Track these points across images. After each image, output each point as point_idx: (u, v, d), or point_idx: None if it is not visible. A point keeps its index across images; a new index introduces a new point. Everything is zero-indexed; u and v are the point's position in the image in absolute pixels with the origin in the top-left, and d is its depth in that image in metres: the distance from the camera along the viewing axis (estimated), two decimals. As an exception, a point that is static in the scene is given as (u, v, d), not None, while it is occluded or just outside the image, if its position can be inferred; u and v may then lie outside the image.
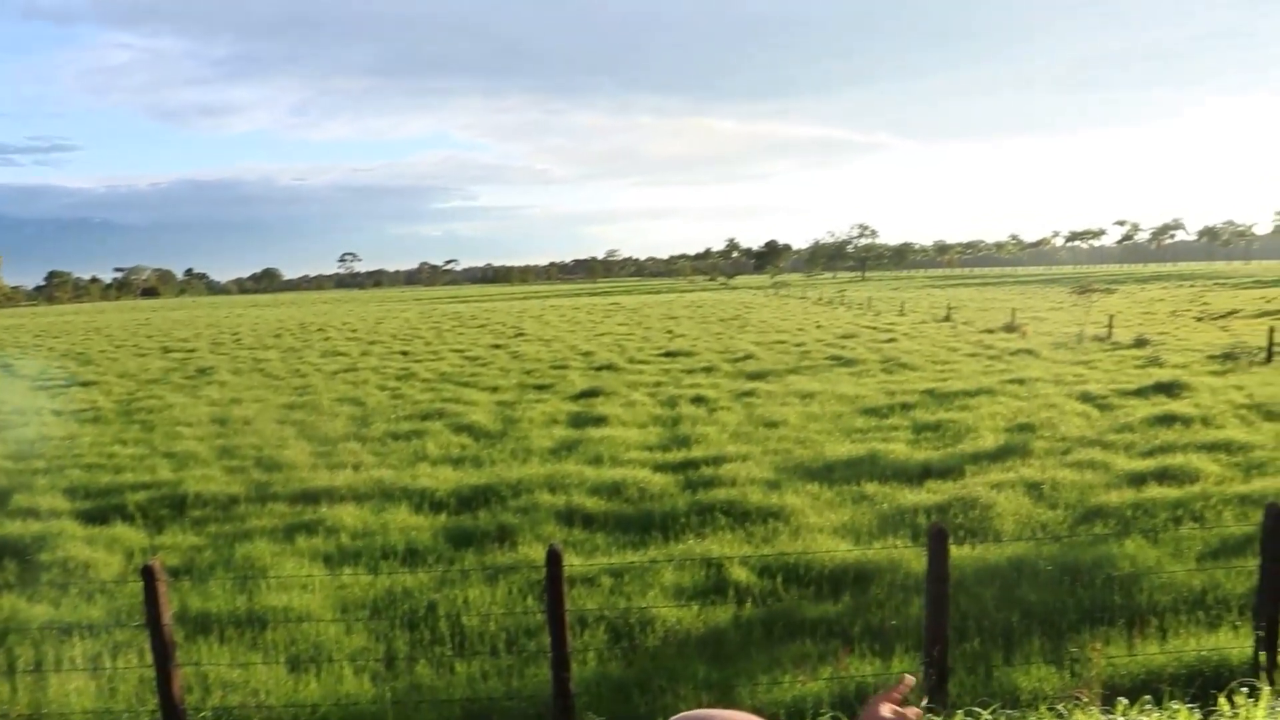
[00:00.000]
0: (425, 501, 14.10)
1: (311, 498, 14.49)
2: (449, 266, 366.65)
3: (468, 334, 51.75)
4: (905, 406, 20.91)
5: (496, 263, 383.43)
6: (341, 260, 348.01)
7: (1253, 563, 7.98)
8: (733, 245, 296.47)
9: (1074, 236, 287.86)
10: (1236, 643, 8.14)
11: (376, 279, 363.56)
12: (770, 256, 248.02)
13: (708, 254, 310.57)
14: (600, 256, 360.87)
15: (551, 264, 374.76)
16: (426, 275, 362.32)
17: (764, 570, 10.45)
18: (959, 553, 10.73)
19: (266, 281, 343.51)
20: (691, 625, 9.24)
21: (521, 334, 49.70)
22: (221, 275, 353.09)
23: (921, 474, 14.67)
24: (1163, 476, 13.90)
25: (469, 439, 19.05)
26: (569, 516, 13.01)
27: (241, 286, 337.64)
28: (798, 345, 37.37)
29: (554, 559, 6.82)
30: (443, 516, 13.39)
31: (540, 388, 26.59)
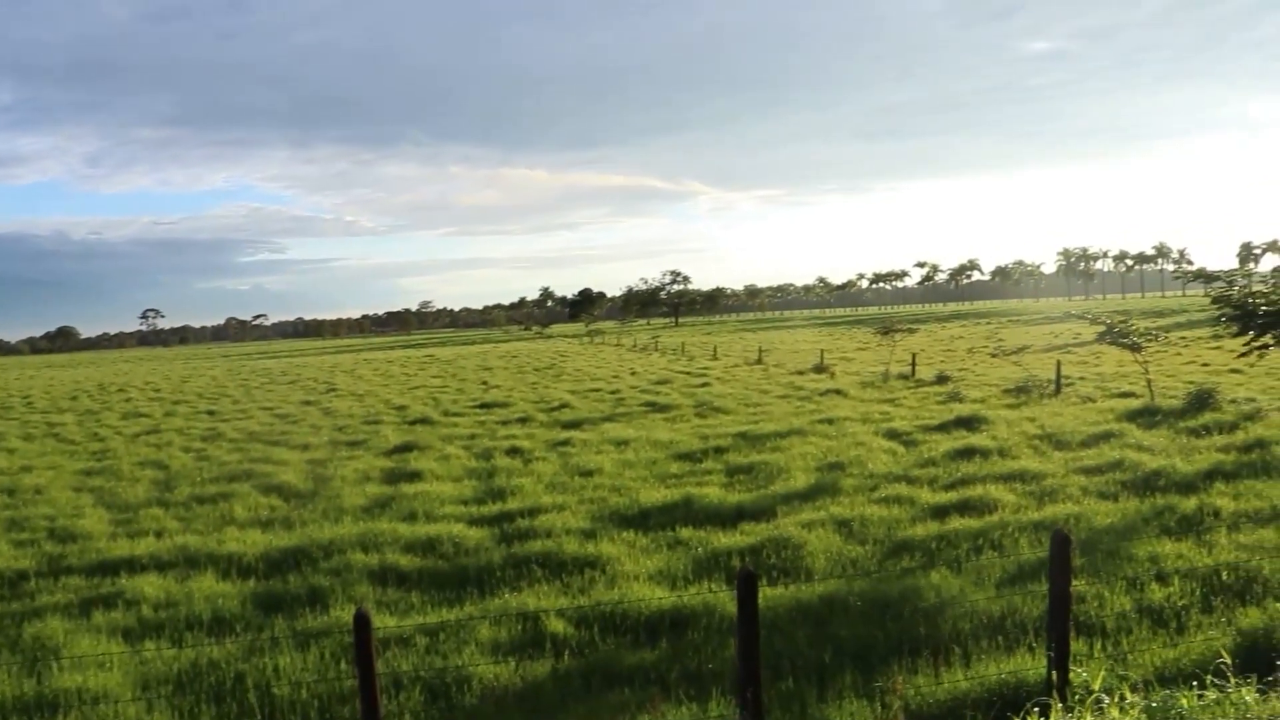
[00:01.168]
0: (233, 567, 13.60)
1: (110, 569, 13.80)
2: (258, 321, 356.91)
3: (278, 390, 50.37)
4: (719, 450, 21.20)
5: (307, 316, 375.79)
6: (144, 317, 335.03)
7: (1046, 586, 8.30)
8: (547, 294, 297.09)
9: (878, 278, 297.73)
10: (1033, 664, 8.45)
11: (182, 335, 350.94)
12: (585, 304, 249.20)
13: (523, 303, 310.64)
14: (414, 308, 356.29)
15: (364, 316, 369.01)
16: (234, 331, 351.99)
17: (581, 621, 10.40)
18: (772, 593, 10.90)
19: (62, 340, 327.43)
20: (509, 681, 9.11)
21: (333, 389, 48.64)
22: (11, 335, 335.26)
23: (735, 516, 14.87)
24: (964, 508, 14.44)
25: (279, 500, 18.50)
26: (383, 576, 12.71)
27: (34, 346, 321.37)
28: (613, 392, 37.59)
29: (362, 623, 6.64)
30: (251, 582, 12.93)
31: (353, 444, 26.04)
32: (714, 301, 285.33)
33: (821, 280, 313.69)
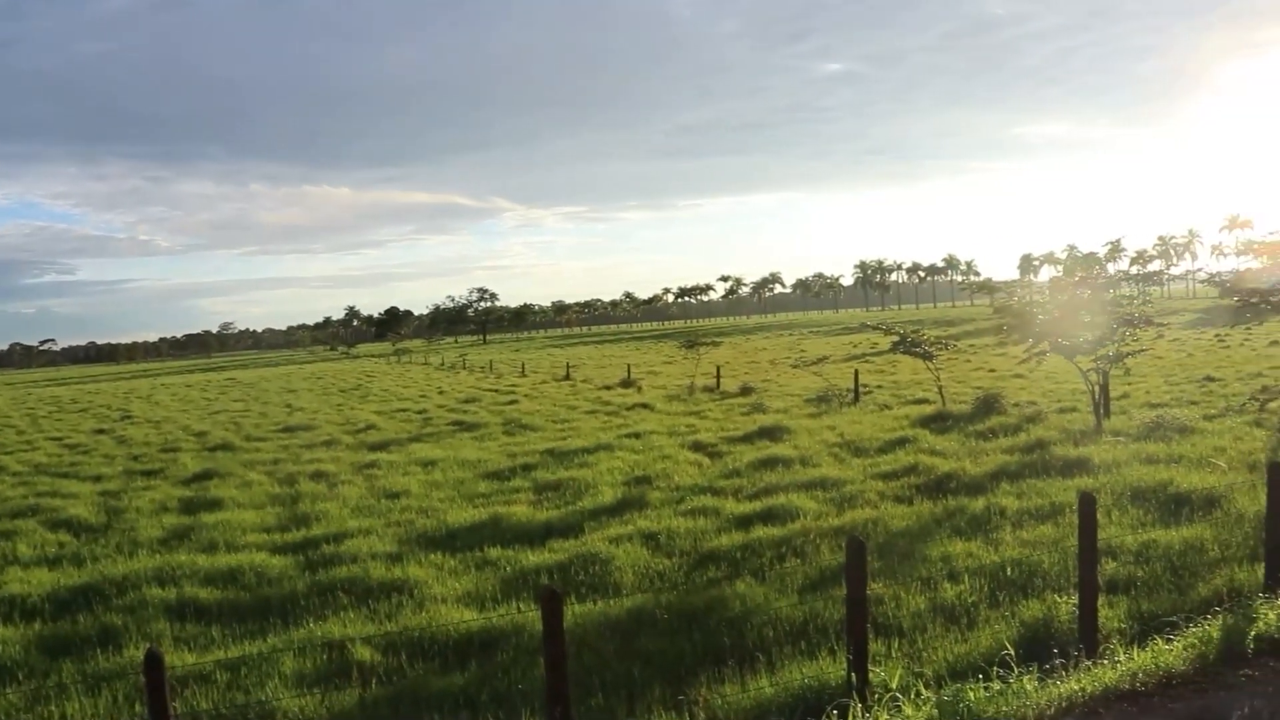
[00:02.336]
0: (15, 610, 12.84)
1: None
2: (45, 346, 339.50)
3: (67, 419, 47.93)
4: (527, 468, 21.18)
5: (100, 340, 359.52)
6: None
7: (845, 591, 8.56)
8: (353, 313, 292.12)
9: (684, 292, 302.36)
10: (834, 667, 8.70)
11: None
12: (391, 323, 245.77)
13: (328, 323, 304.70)
14: (214, 330, 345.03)
15: (162, 339, 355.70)
16: (19, 357, 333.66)
17: (389, 647, 10.23)
18: (581, 609, 10.94)
19: None
20: (315, 713, 8.89)
21: (128, 416, 46.59)
22: None
23: (543, 534, 14.88)
24: (768, 517, 14.78)
25: (68, 535, 17.61)
26: (181, 610, 12.24)
27: None
28: (420, 412, 37.15)
29: (153, 662, 6.40)
30: (36, 624, 12.25)
31: (149, 473, 24.99)
32: (522, 318, 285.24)
33: (628, 295, 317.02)
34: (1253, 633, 9.05)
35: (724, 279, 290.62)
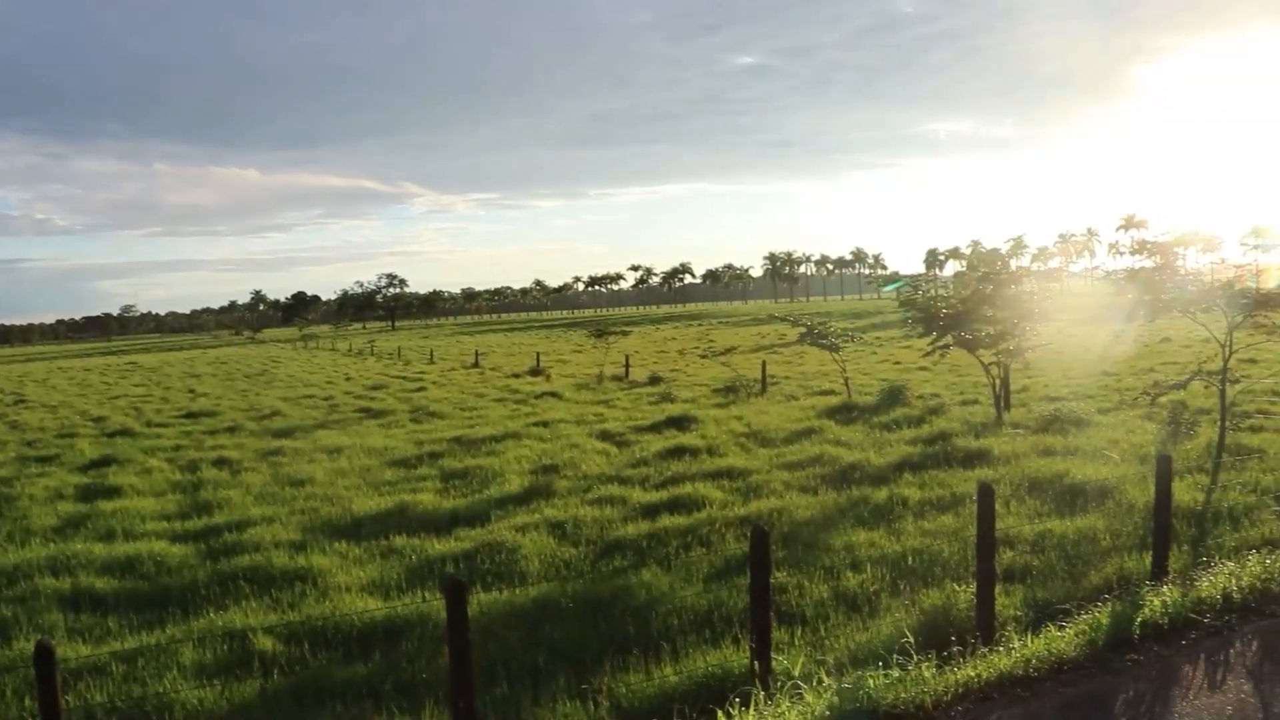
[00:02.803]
0: (-100, 600, 12.48)
1: None
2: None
3: (-45, 405, 46.50)
4: (434, 455, 21.05)
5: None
6: None
7: (749, 580, 8.66)
8: (259, 297, 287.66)
9: (594, 281, 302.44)
10: (738, 655, 8.80)
11: None
12: (298, 308, 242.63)
13: (233, 307, 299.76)
14: (115, 313, 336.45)
15: (59, 322, 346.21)
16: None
17: (291, 637, 10.11)
18: (486, 598, 10.93)
19: None
20: (214, 705, 8.76)
21: (22, 401, 45.27)
22: None
23: (450, 522, 14.81)
24: (674, 506, 14.87)
25: (-45, 525, 17.10)
26: (76, 601, 11.96)
27: None
28: (326, 399, 36.70)
29: (43, 655, 6.26)
30: (-78, 616, 11.90)
31: (44, 460, 24.32)
32: (431, 305, 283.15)
33: (538, 283, 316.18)
34: (1139, 619, 9.36)
35: (634, 269, 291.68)
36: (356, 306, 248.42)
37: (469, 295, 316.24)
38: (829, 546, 12.36)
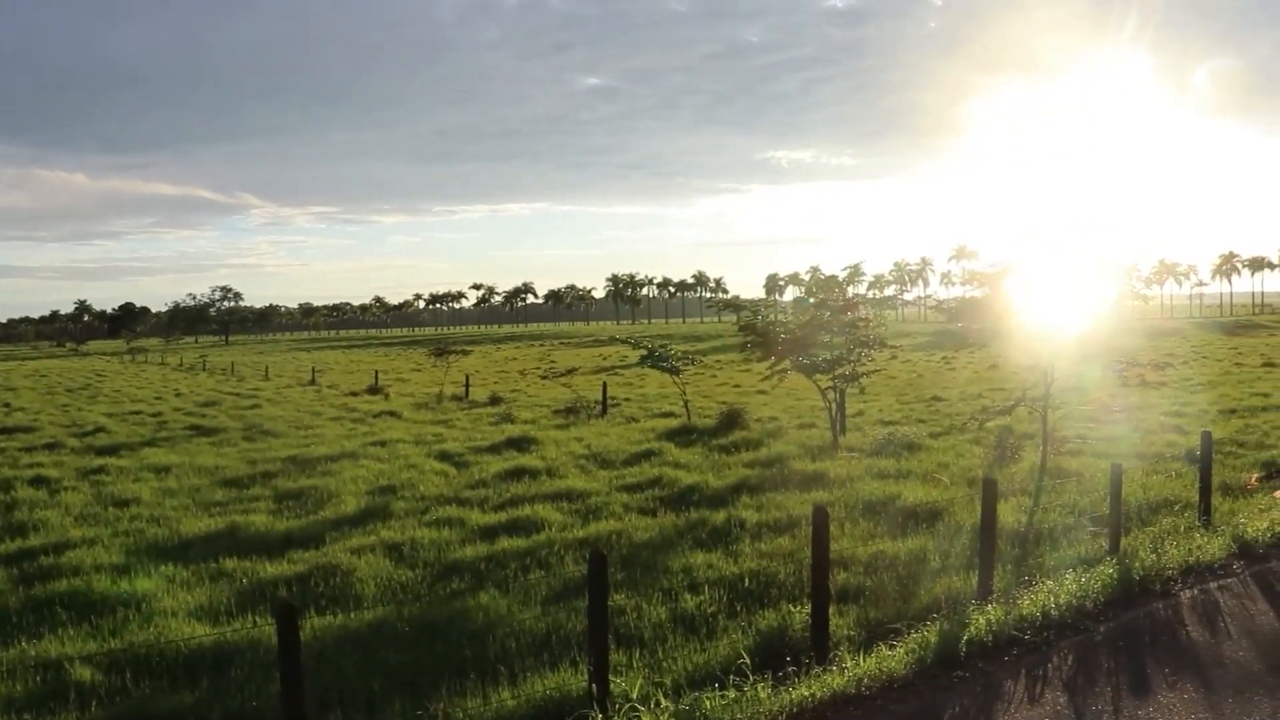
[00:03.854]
0: None
1: None
2: None
3: None
4: (268, 475, 20.50)
5: None
6: None
7: (587, 603, 8.64)
8: (84, 308, 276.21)
9: (435, 299, 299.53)
10: (576, 678, 8.76)
11: None
12: (126, 320, 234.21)
13: (55, 317, 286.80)
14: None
15: None
16: None
17: (112, 666, 9.68)
18: (320, 622, 10.67)
19: None
20: (26, 736, 8.34)
21: None
22: None
23: (283, 544, 14.42)
24: (513, 528, 14.79)
25: None
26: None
27: None
28: (155, 415, 35.44)
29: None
30: None
31: None
32: (267, 320, 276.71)
33: (378, 300, 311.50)
34: (966, 637, 9.65)
35: (477, 287, 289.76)
36: (189, 320, 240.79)
37: (307, 310, 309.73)
38: (668, 568, 12.43)
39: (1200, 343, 78.05)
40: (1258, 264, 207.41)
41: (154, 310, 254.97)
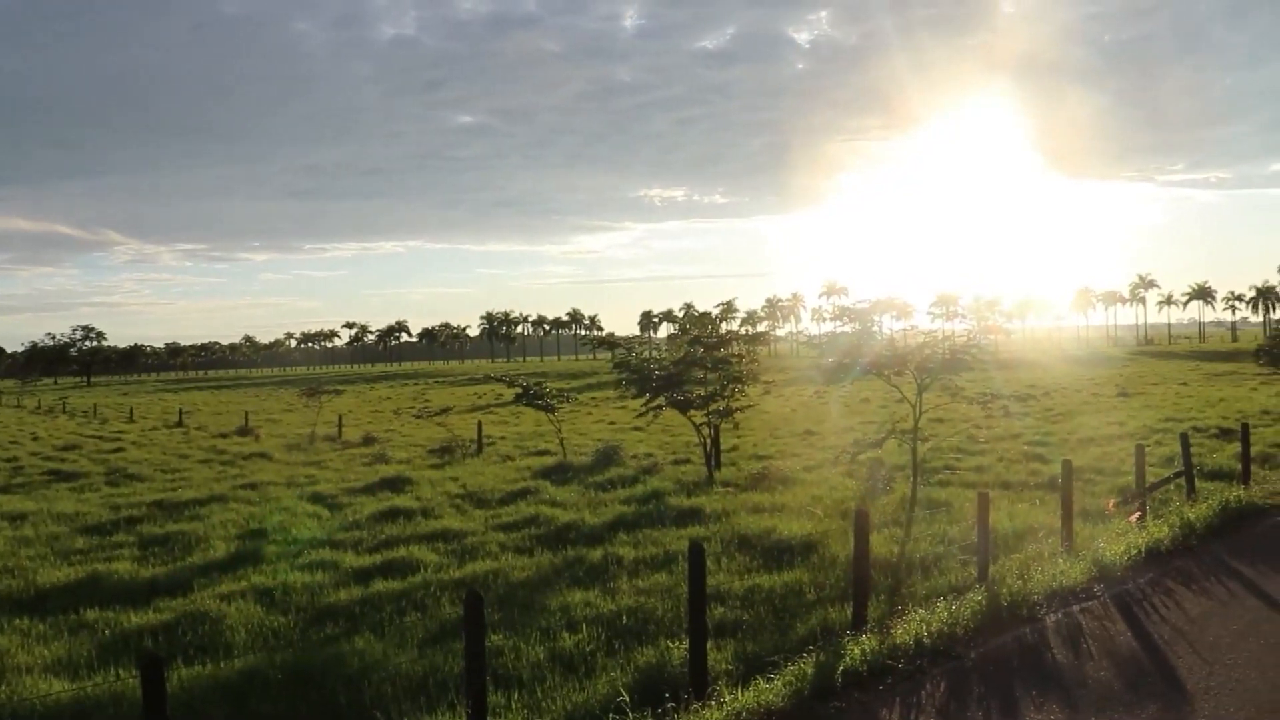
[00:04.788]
0: None
1: None
2: None
3: None
4: (132, 521, 19.86)
5: None
6: None
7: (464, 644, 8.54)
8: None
9: (307, 338, 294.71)
10: (454, 721, 8.65)
11: None
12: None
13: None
14: None
15: None
16: None
17: (-37, 724, 9.27)
18: (188, 673, 10.35)
19: None
20: None
21: None
22: None
23: (149, 592, 13.96)
24: (389, 570, 14.57)
25: None
26: None
27: None
28: (9, 461, 34.04)
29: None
30: None
31: None
32: (132, 360, 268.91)
33: (248, 339, 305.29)
34: (841, 668, 9.78)
35: (349, 326, 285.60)
36: (47, 360, 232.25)
37: (174, 350, 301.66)
38: (545, 607, 12.36)
39: (1060, 374, 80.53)
40: (1110, 298, 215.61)
41: (9, 350, 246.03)
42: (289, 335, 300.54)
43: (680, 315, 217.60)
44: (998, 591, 12.03)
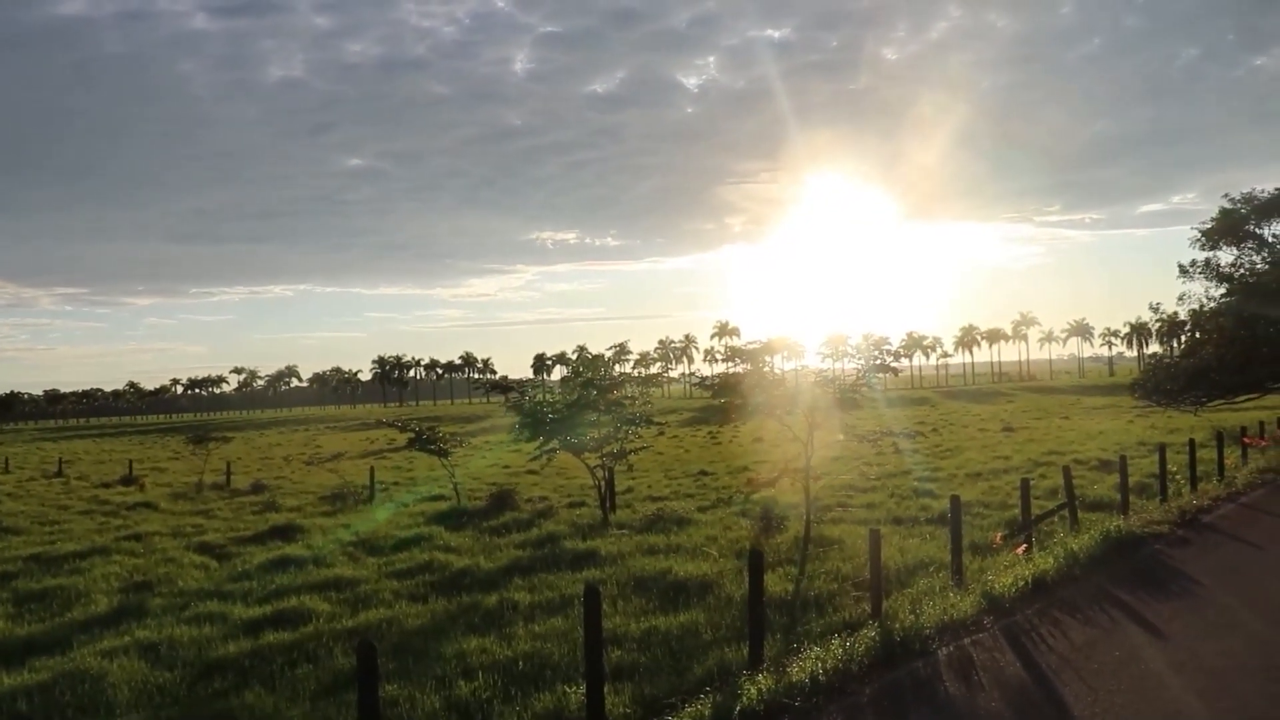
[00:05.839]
0: None
1: None
2: None
3: None
4: (6, 577, 19.14)
5: None
6: None
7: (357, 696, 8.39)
8: None
9: (194, 384, 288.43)
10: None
11: None
12: None
13: None
14: None
15: None
16: None
17: None
18: (67, 733, 9.99)
19: None
20: None
21: None
22: None
23: (24, 651, 13.46)
24: (279, 621, 14.26)
25: None
26: None
27: None
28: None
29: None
30: None
31: None
32: (8, 408, 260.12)
33: (132, 385, 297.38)
34: (738, 707, 9.81)
35: (237, 371, 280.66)
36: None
37: (53, 397, 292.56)
38: (441, 655, 12.21)
39: (947, 410, 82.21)
40: (994, 336, 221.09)
41: None
42: (175, 381, 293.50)
43: (573, 358, 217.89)
44: (891, 627, 12.19)
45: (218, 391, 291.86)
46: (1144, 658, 11.48)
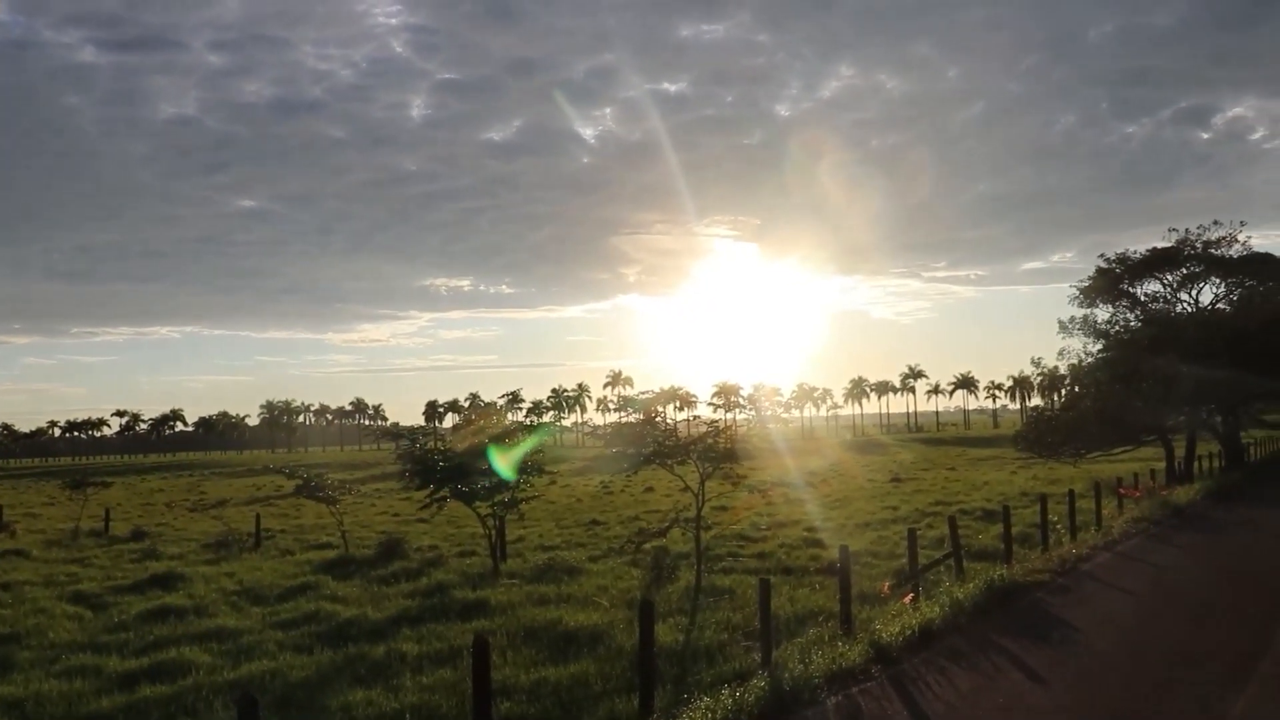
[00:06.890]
0: None
1: None
2: None
3: None
4: None
5: None
6: None
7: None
8: None
9: (73, 426, 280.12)
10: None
11: None
12: None
13: None
14: None
15: None
16: None
17: None
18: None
19: None
20: None
21: None
22: None
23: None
24: (157, 673, 13.84)
25: None
26: None
27: None
28: None
29: None
30: None
31: None
32: None
33: (6, 427, 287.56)
34: (629, 761, 9.74)
35: (120, 414, 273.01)
36: None
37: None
38: (326, 708, 11.96)
39: (837, 461, 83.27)
40: (883, 388, 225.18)
41: None
42: (52, 424, 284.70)
43: (466, 405, 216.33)
44: (780, 676, 12.23)
45: (98, 435, 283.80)
46: (1027, 704, 11.71)
